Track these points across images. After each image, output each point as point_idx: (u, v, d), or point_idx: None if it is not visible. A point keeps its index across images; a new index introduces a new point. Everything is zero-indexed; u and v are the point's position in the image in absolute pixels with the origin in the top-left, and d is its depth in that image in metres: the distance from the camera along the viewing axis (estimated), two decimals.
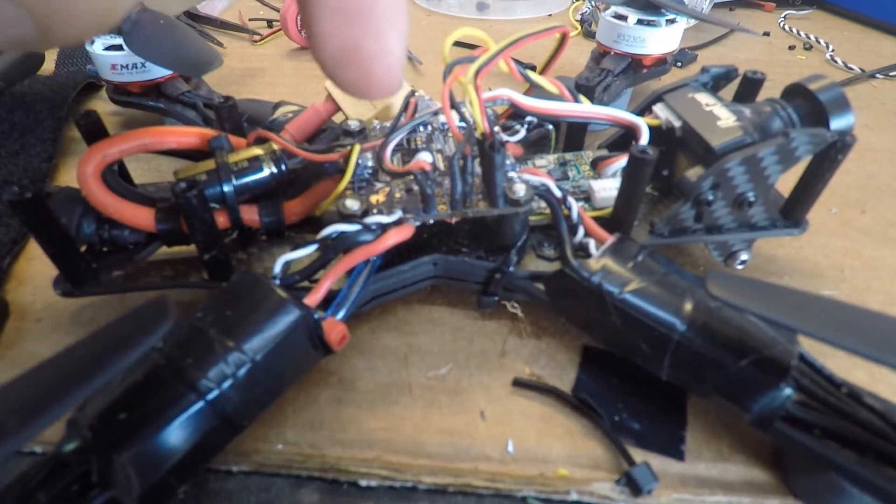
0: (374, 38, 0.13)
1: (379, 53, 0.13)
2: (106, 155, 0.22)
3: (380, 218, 0.22)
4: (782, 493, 0.20)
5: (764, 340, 0.19)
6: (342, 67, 0.13)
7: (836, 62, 0.49)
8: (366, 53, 0.13)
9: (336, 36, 0.13)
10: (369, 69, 0.13)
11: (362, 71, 0.13)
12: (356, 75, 0.13)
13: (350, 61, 0.13)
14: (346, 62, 0.13)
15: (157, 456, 0.16)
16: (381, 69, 0.13)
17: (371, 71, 0.13)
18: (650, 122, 0.27)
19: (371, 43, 0.13)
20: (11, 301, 0.26)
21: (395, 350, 0.24)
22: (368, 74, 0.13)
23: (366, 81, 0.14)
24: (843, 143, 0.22)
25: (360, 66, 0.13)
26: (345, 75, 0.14)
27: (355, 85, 0.14)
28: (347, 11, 0.12)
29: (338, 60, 0.13)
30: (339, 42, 0.13)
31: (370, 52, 0.13)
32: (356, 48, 0.13)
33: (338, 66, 0.13)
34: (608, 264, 0.21)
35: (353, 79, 0.14)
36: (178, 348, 0.18)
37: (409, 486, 0.20)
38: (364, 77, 0.13)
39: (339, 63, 0.13)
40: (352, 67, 0.13)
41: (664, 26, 0.37)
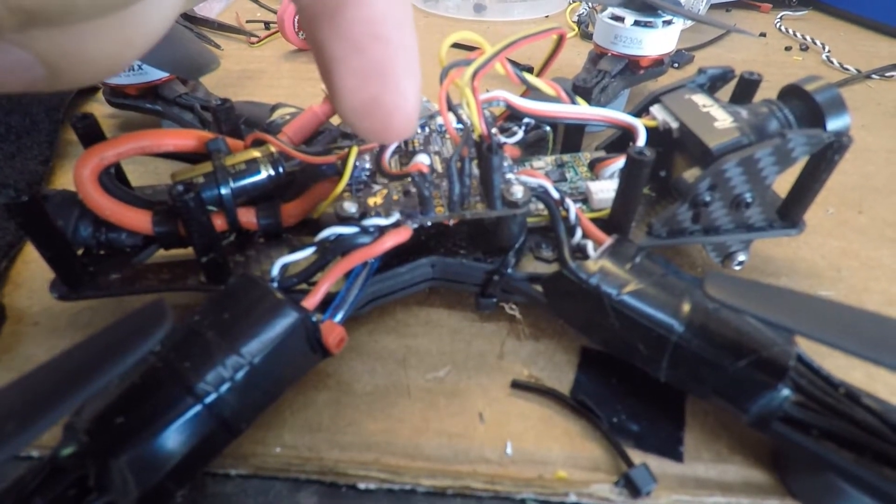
0: (393, 92, 0.14)
1: (397, 105, 0.14)
2: (103, 158, 0.22)
3: (377, 220, 0.22)
4: (781, 494, 0.20)
5: (762, 341, 0.19)
6: (363, 119, 0.14)
7: (833, 63, 0.49)
8: (385, 107, 0.14)
9: (357, 92, 0.14)
10: (389, 119, 0.14)
11: (382, 122, 0.14)
12: (377, 126, 0.14)
13: (371, 114, 0.14)
14: (367, 115, 0.14)
15: (154, 460, 0.16)
16: (399, 118, 0.14)
17: (390, 121, 0.14)
18: (647, 124, 0.27)
19: (390, 97, 0.14)
20: (8, 305, 0.26)
21: (393, 352, 0.24)
22: (388, 124, 0.14)
23: (385, 130, 0.14)
24: (839, 143, 0.22)
25: (380, 118, 0.14)
26: (366, 126, 0.14)
27: (375, 134, 0.15)
28: (367, 70, 0.13)
29: (359, 113, 0.14)
30: (359, 97, 0.14)
31: (389, 104, 0.14)
32: (376, 102, 0.14)
33: (359, 119, 0.14)
34: (606, 266, 0.21)
35: (374, 129, 0.14)
36: (175, 352, 0.18)
37: (407, 489, 0.20)
38: (384, 127, 0.14)
39: (360, 116, 0.14)
40: (373, 119, 0.14)
41: (661, 27, 0.37)
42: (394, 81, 0.14)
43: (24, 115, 0.38)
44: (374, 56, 0.13)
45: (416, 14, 0.62)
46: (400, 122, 0.14)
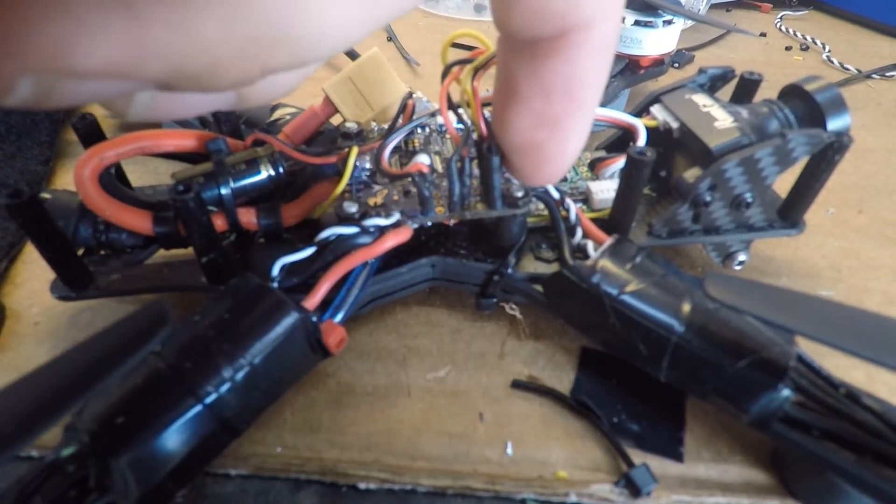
0: (558, 144, 0.14)
1: (557, 156, 0.14)
2: (103, 158, 0.22)
3: (378, 220, 0.22)
4: (781, 494, 0.20)
5: (762, 341, 0.19)
6: (519, 156, 0.14)
7: (833, 63, 0.49)
8: (544, 154, 0.14)
9: (525, 131, 0.14)
10: (543, 165, 0.14)
11: (536, 165, 0.14)
12: (529, 167, 0.15)
13: (527, 155, 0.14)
14: (525, 154, 0.14)
15: (154, 460, 0.16)
16: (552, 167, 0.14)
17: (543, 167, 0.14)
18: (648, 124, 0.27)
19: (554, 147, 0.14)
20: (8, 305, 0.26)
21: (393, 352, 0.24)
22: (540, 169, 0.14)
23: (535, 173, 0.15)
24: (839, 143, 0.22)
25: (534, 162, 0.14)
26: (519, 163, 0.15)
27: (523, 173, 0.15)
28: (544, 117, 0.13)
29: (518, 151, 0.14)
30: (525, 137, 0.14)
31: (550, 153, 0.14)
32: (539, 147, 0.14)
33: (515, 154, 0.14)
34: (606, 266, 0.21)
35: (525, 168, 0.15)
36: (176, 352, 0.18)
37: (407, 489, 0.20)
38: (535, 169, 0.14)
39: (517, 152, 0.14)
40: (528, 159, 0.14)
41: (661, 27, 0.37)
42: (563, 136, 0.13)
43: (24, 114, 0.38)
44: (557, 107, 0.13)
45: (416, 14, 0.62)
46: (551, 170, 0.14)
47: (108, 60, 0.07)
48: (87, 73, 0.08)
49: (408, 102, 0.27)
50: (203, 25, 0.08)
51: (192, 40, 0.08)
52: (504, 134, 0.14)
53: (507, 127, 0.14)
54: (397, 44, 0.52)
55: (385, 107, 0.29)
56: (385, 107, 0.29)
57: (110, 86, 0.08)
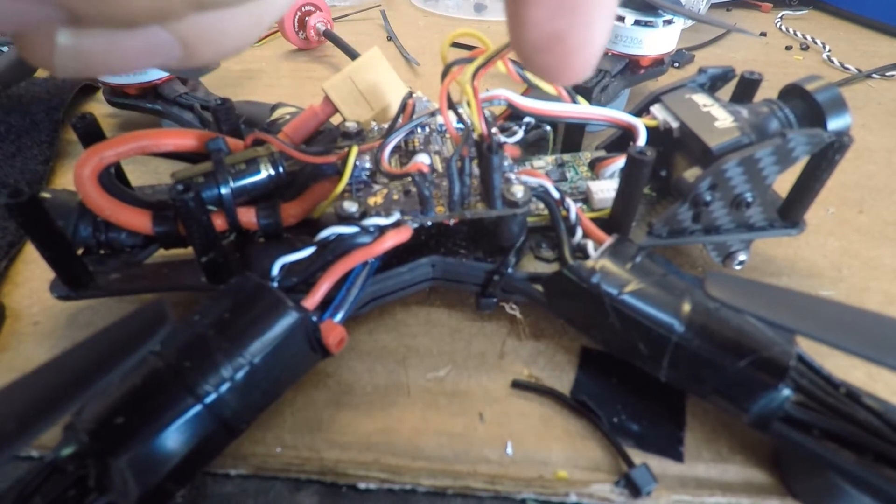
0: (582, 29, 0.13)
1: (583, 45, 0.13)
2: (103, 157, 0.22)
3: (378, 220, 0.22)
4: (781, 494, 0.20)
5: (762, 341, 0.19)
6: (542, 54, 0.13)
7: (833, 62, 0.49)
8: (570, 44, 0.13)
9: (544, 24, 0.13)
10: (569, 58, 0.13)
11: (562, 59, 0.13)
12: (554, 62, 0.13)
13: (551, 49, 0.13)
14: (548, 50, 0.13)
15: (154, 460, 0.16)
16: (580, 59, 0.13)
17: (570, 60, 0.13)
18: (648, 123, 0.27)
19: (578, 34, 0.13)
20: (8, 304, 0.26)
21: (393, 352, 0.24)
22: (566, 63, 0.13)
23: (561, 69, 0.13)
24: (840, 143, 0.22)
25: (561, 55, 0.13)
26: (542, 61, 0.13)
27: (549, 70, 0.14)
28: (562, 2, 0.12)
29: (539, 47, 0.13)
30: (545, 30, 0.13)
31: (575, 43, 0.13)
32: (561, 38, 0.13)
33: (537, 53, 0.13)
34: (606, 265, 0.21)
35: (550, 65, 0.13)
36: (175, 352, 0.18)
37: (407, 489, 0.20)
38: (561, 65, 0.13)
39: (539, 49, 0.13)
40: (552, 55, 0.13)
41: (661, 27, 0.37)
42: (585, 18, 0.12)
43: (24, 114, 0.38)
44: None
45: (415, 13, 0.62)
46: (579, 63, 0.13)
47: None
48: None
49: (408, 102, 0.27)
50: None
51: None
52: (522, 33, 0.13)
53: (524, 24, 0.13)
54: (397, 43, 0.52)
55: (385, 106, 0.30)
56: (385, 106, 0.30)
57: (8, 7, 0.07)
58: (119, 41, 0.09)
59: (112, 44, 0.09)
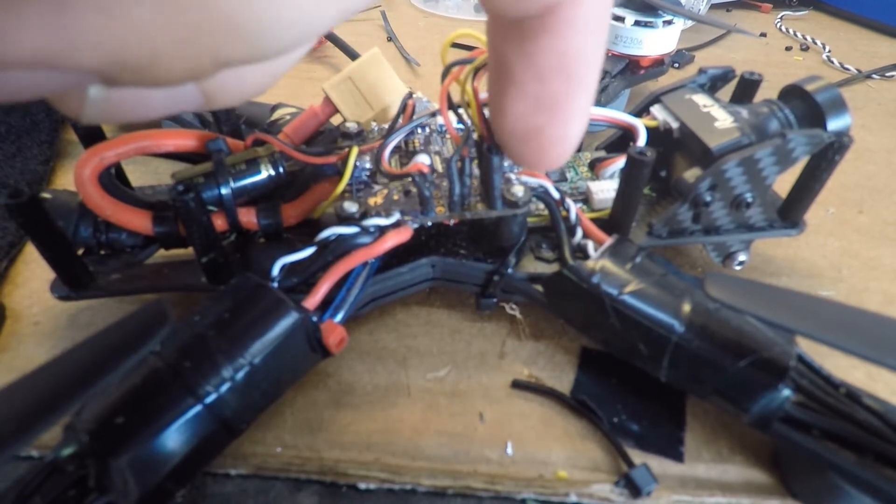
0: (560, 127, 0.13)
1: (559, 139, 0.13)
2: (103, 158, 0.22)
3: (378, 220, 0.22)
4: (781, 494, 0.20)
5: (762, 341, 0.19)
6: (520, 144, 0.14)
7: (833, 63, 0.49)
8: (547, 138, 0.13)
9: (524, 118, 0.13)
10: (545, 150, 0.14)
11: (538, 150, 0.14)
12: (531, 153, 0.14)
13: (529, 142, 0.14)
14: (526, 141, 0.14)
15: (154, 460, 0.16)
16: (556, 151, 0.14)
17: (546, 151, 0.14)
18: (648, 124, 0.27)
19: (555, 131, 0.13)
20: (8, 305, 0.26)
21: (393, 352, 0.24)
22: (543, 154, 0.14)
23: (538, 159, 0.14)
24: (840, 143, 0.22)
25: (537, 147, 0.14)
26: (520, 150, 0.14)
27: (526, 159, 0.14)
28: (541, 100, 0.13)
29: (518, 138, 0.14)
30: (524, 124, 0.13)
31: (552, 137, 0.13)
32: (539, 132, 0.13)
33: (516, 143, 0.14)
34: (606, 266, 0.21)
35: (527, 154, 0.14)
36: (175, 352, 0.18)
37: (408, 489, 0.20)
38: (538, 155, 0.14)
39: (518, 140, 0.14)
40: (529, 146, 0.14)
41: (661, 27, 0.37)
42: (564, 117, 0.13)
43: (24, 115, 0.38)
44: (554, 89, 0.13)
45: (415, 14, 0.62)
46: (555, 155, 0.14)
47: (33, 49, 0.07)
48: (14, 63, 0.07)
49: (408, 102, 0.27)
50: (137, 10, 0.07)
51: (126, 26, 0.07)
52: (502, 122, 0.14)
53: (505, 114, 0.13)
54: (397, 44, 0.52)
55: (385, 107, 0.30)
56: (385, 107, 0.30)
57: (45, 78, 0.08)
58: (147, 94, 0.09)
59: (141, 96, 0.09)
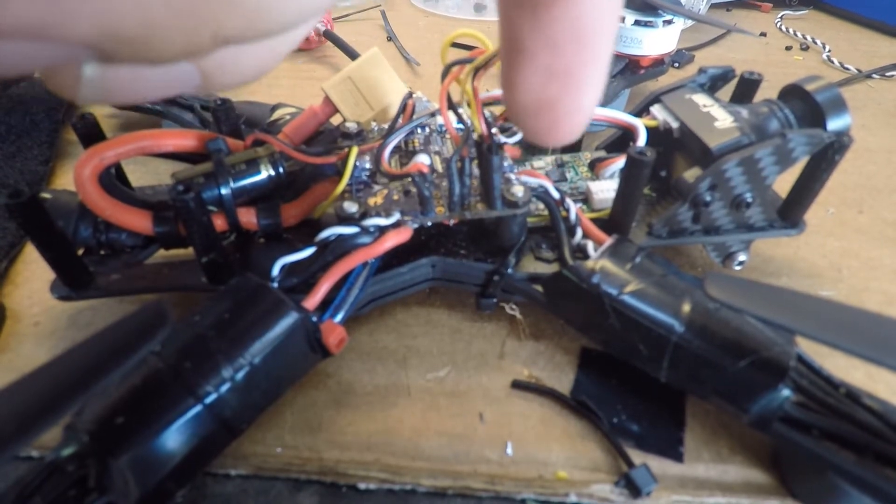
0: (573, 97, 0.13)
1: (572, 112, 0.13)
2: (103, 158, 0.22)
3: (378, 220, 0.22)
4: (781, 494, 0.20)
5: (762, 341, 0.19)
6: (533, 117, 0.14)
7: (833, 63, 0.49)
8: (561, 110, 0.13)
9: (536, 90, 0.13)
10: (559, 122, 0.13)
11: (552, 123, 0.14)
12: (544, 126, 0.14)
13: (542, 114, 0.13)
14: (538, 114, 0.13)
15: (154, 460, 0.16)
16: (570, 124, 0.14)
17: (560, 124, 0.14)
18: (648, 124, 0.27)
19: (568, 101, 0.13)
20: (8, 305, 0.26)
21: (393, 352, 0.24)
22: (556, 127, 0.14)
23: (551, 132, 0.14)
24: (840, 143, 0.22)
25: (551, 119, 0.13)
26: (533, 124, 0.14)
27: (539, 133, 0.14)
28: (554, 70, 0.12)
29: (530, 111, 0.13)
30: (537, 95, 0.13)
31: (565, 109, 0.13)
32: (552, 104, 0.13)
33: (528, 116, 0.14)
34: (606, 266, 0.21)
35: (540, 128, 0.14)
36: (175, 352, 0.18)
37: (408, 489, 0.20)
38: (551, 128, 0.14)
39: (530, 113, 0.13)
40: (542, 119, 0.13)
41: (661, 27, 0.37)
42: (577, 87, 0.13)
43: (24, 115, 0.38)
44: (567, 58, 0.12)
45: (416, 14, 0.62)
46: (568, 129, 0.14)
47: (25, 18, 0.07)
48: (5, 32, 0.07)
49: (408, 102, 0.27)
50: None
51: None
52: (514, 95, 0.13)
53: (517, 87, 0.13)
54: (397, 43, 0.52)
55: (385, 106, 0.30)
56: (385, 106, 0.30)
57: (37, 50, 0.07)
58: (144, 73, 0.09)
59: (137, 75, 0.09)
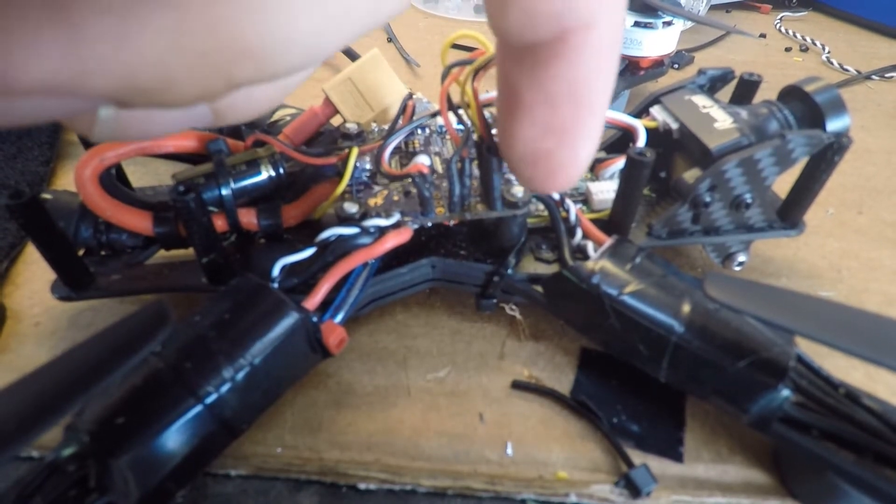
0: (568, 151, 0.13)
1: (569, 163, 0.13)
2: (103, 158, 0.22)
3: (378, 221, 0.22)
4: (781, 494, 0.20)
5: (762, 342, 0.19)
6: (530, 167, 0.14)
7: (832, 64, 0.49)
8: (555, 163, 0.13)
9: (532, 142, 0.13)
10: (555, 173, 0.14)
11: (547, 174, 0.14)
12: (540, 176, 0.14)
13: (537, 165, 0.13)
14: (535, 164, 0.14)
15: (155, 460, 0.16)
16: (565, 175, 0.14)
17: (555, 176, 0.14)
18: (647, 125, 0.27)
19: (564, 154, 0.13)
20: (9, 305, 0.26)
21: (393, 353, 0.24)
22: (552, 177, 0.14)
23: (547, 182, 0.14)
24: (839, 144, 0.22)
25: (545, 171, 0.14)
26: (529, 174, 0.14)
27: (535, 182, 0.14)
28: (550, 125, 0.13)
29: (527, 162, 0.14)
30: (533, 148, 0.13)
31: (561, 161, 0.13)
32: (548, 156, 0.13)
33: (525, 166, 0.14)
34: (606, 266, 0.21)
35: (536, 178, 0.14)
36: (176, 352, 0.18)
37: (408, 489, 0.20)
38: (546, 178, 0.14)
39: (527, 163, 0.14)
40: (537, 170, 0.14)
41: (661, 28, 0.37)
42: (573, 142, 0.13)
43: None
44: (564, 114, 0.12)
45: (416, 15, 0.62)
46: (563, 180, 0.14)
47: (47, 76, 0.07)
48: (25, 90, 0.07)
49: (408, 103, 0.27)
50: (149, 36, 0.07)
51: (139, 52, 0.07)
52: (511, 145, 0.14)
53: (513, 138, 0.13)
54: (397, 45, 0.52)
55: (385, 107, 0.30)
56: (385, 107, 0.30)
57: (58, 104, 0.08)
58: (157, 114, 0.09)
59: (151, 116, 0.09)
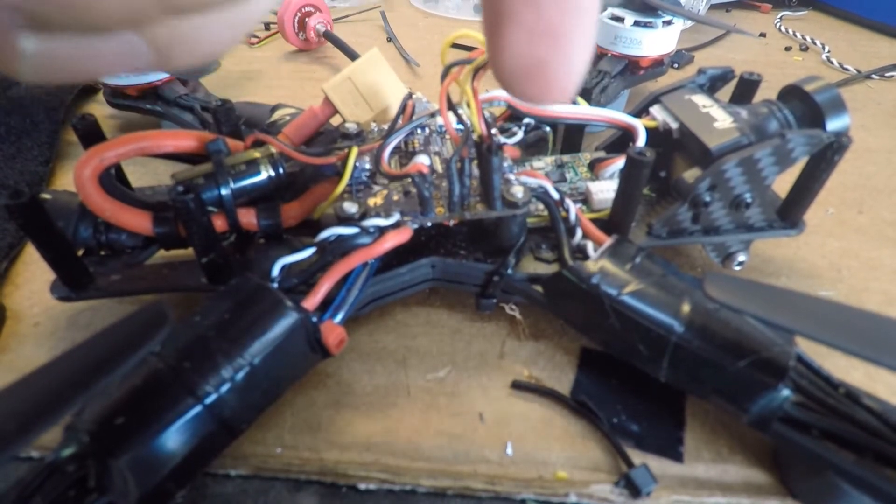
0: (562, 57, 0.13)
1: (563, 71, 0.13)
2: (103, 158, 0.22)
3: (378, 221, 0.22)
4: (781, 494, 0.20)
5: (762, 342, 0.19)
6: (522, 81, 0.13)
7: (832, 63, 0.49)
8: (550, 71, 0.13)
9: (523, 53, 0.13)
10: (550, 84, 0.13)
11: (543, 85, 0.13)
12: (535, 88, 0.13)
13: (532, 76, 0.13)
14: (527, 77, 0.13)
15: (154, 461, 0.16)
16: (561, 84, 0.13)
17: (551, 85, 0.13)
18: (647, 124, 0.27)
19: (558, 61, 0.13)
20: (8, 305, 0.26)
21: (393, 352, 0.24)
22: (548, 88, 0.13)
23: (543, 93, 0.13)
24: (839, 143, 0.22)
25: (541, 81, 0.13)
26: (523, 88, 0.14)
27: (531, 96, 0.14)
28: (539, 29, 0.12)
29: (519, 75, 0.13)
30: (524, 58, 0.13)
31: (555, 69, 0.13)
32: (541, 66, 0.13)
33: (517, 80, 0.13)
34: (606, 266, 0.21)
35: (531, 91, 0.14)
36: (175, 352, 0.18)
37: (407, 490, 0.20)
38: (542, 90, 0.13)
39: (519, 77, 0.13)
40: (532, 81, 0.13)
41: (661, 28, 0.37)
42: (565, 46, 0.12)
43: (24, 115, 0.38)
44: (551, 15, 0.12)
45: (415, 15, 0.62)
46: (560, 90, 0.13)
47: None
48: None
49: (407, 103, 0.27)
50: None
51: None
52: (502, 60, 0.13)
53: (503, 53, 0.13)
54: (397, 44, 0.52)
55: (385, 107, 0.30)
56: (385, 107, 0.30)
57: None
58: (88, 47, 0.09)
59: (80, 49, 0.09)
